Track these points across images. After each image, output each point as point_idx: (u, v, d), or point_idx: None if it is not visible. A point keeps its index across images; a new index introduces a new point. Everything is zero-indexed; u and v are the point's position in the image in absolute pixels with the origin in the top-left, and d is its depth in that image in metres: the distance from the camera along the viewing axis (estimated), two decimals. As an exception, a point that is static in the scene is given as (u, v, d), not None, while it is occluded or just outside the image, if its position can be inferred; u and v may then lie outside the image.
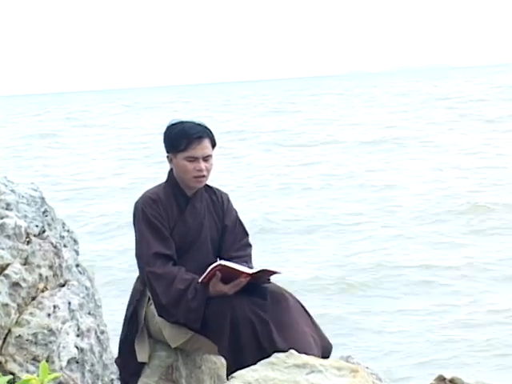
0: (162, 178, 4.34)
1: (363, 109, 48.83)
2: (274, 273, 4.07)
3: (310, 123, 39.71)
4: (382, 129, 33.87)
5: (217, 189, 4.36)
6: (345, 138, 30.92)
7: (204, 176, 4.15)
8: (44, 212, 3.81)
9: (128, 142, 35.75)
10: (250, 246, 4.32)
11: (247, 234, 4.33)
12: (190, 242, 4.17)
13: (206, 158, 4.13)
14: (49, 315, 3.57)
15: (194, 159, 4.10)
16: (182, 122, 4.16)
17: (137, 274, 4.23)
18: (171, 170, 4.23)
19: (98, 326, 3.82)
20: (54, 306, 3.62)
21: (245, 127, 39.92)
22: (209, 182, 4.30)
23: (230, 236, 4.25)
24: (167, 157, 4.21)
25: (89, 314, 3.82)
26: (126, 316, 4.21)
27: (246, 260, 4.19)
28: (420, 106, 46.81)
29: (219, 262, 3.99)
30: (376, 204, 16.66)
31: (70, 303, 3.69)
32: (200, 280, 3.99)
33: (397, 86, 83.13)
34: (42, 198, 3.84)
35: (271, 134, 35.11)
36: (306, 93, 79.88)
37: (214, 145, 4.19)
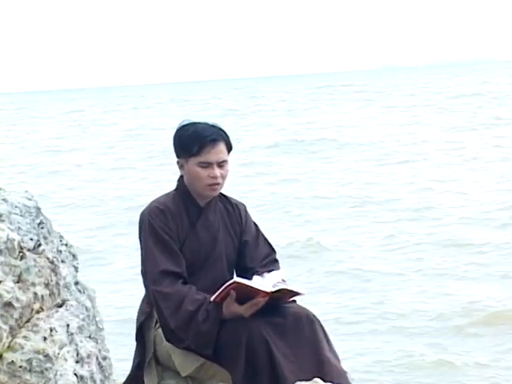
0: (168, 185, 4.24)
1: (384, 109, 47.25)
2: (297, 294, 3.95)
3: (325, 125, 38.65)
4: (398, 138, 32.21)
5: (232, 198, 4.25)
6: (363, 142, 29.97)
7: (219, 184, 4.03)
8: (39, 224, 3.75)
9: (128, 145, 35.28)
10: (277, 261, 4.23)
11: (274, 250, 4.24)
12: (202, 258, 4.06)
13: (221, 164, 4.02)
14: (45, 339, 3.50)
15: (208, 165, 3.99)
16: (194, 124, 4.04)
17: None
18: (181, 176, 4.12)
19: (99, 351, 3.77)
20: (51, 329, 3.54)
21: (255, 128, 39.05)
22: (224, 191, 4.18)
23: (254, 253, 4.15)
24: (177, 162, 4.09)
25: (89, 337, 3.78)
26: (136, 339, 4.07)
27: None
28: (455, 107, 45.30)
29: (234, 278, 3.87)
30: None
31: (68, 326, 3.61)
32: (212, 299, 3.87)
33: (424, 83, 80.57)
34: (38, 208, 3.75)
35: (285, 135, 34.01)
36: (323, 91, 78.12)
37: (229, 149, 4.08)
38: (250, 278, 3.92)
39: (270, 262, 4.16)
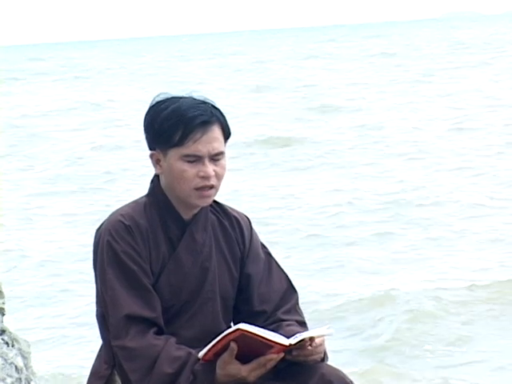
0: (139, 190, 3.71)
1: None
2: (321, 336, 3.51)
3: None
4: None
5: (231, 208, 3.73)
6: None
7: (212, 186, 3.56)
8: None
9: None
10: (298, 305, 3.72)
11: (294, 288, 3.71)
12: (186, 297, 3.61)
13: (216, 157, 3.57)
14: (-42, 413, 3.21)
15: (197, 159, 3.54)
16: (174, 99, 3.57)
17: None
18: (156, 177, 3.62)
19: (35, 429, 3.24)
20: (-33, 399, 3.30)
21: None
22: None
23: (265, 289, 3.66)
24: (151, 156, 3.60)
25: (22, 410, 3.41)
26: None
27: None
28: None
29: (238, 325, 3.38)
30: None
31: (-9, 393, 3.32)
32: (200, 356, 3.40)
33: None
34: None
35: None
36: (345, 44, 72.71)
37: (227, 136, 3.60)
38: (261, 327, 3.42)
39: (293, 306, 3.66)
